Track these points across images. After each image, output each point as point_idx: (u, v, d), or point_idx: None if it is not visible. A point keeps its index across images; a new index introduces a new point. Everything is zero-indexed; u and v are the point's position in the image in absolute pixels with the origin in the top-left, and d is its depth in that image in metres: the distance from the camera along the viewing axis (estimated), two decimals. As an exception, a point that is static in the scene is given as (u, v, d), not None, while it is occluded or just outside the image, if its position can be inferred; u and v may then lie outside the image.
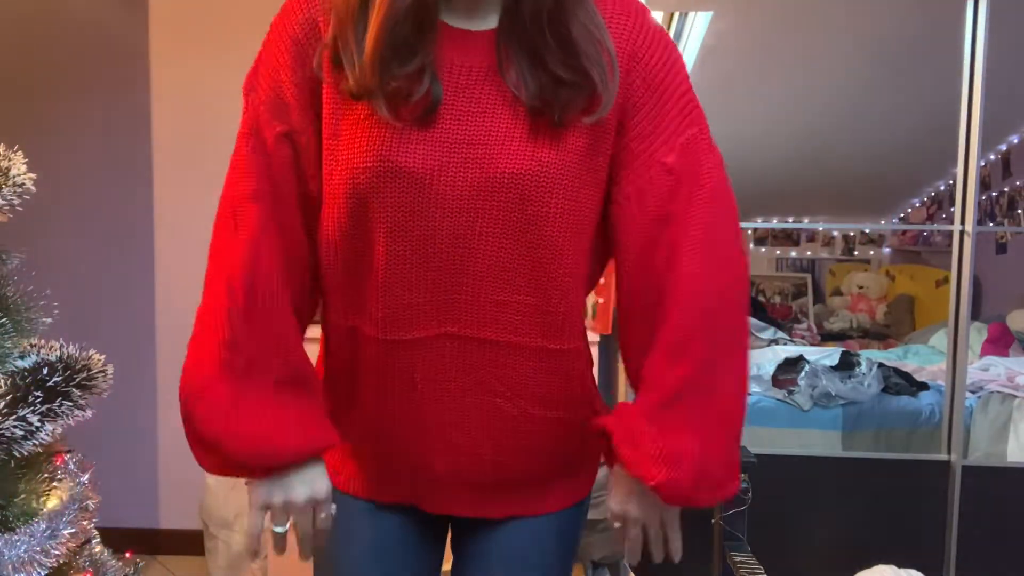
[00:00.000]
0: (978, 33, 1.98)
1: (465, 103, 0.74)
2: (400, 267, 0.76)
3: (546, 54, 0.72)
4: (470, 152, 0.74)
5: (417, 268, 0.76)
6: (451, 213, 0.74)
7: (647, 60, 0.78)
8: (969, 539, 2.03)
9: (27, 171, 0.96)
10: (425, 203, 0.74)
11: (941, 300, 2.29)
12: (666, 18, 2.16)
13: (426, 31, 0.72)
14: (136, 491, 2.67)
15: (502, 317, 0.78)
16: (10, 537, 0.83)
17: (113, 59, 2.61)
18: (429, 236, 0.75)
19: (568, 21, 0.72)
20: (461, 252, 0.75)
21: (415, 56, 0.72)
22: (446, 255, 0.75)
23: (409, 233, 0.75)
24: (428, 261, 0.75)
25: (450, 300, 0.77)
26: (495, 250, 0.76)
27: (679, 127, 0.80)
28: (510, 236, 0.75)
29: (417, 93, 0.72)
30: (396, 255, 0.76)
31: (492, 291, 0.77)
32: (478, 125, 0.74)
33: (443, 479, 0.85)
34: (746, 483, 1.49)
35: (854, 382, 2.18)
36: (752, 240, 3.52)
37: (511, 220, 0.75)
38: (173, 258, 2.64)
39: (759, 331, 2.88)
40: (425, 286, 0.76)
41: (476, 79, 0.74)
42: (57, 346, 0.96)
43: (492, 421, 0.82)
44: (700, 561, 1.77)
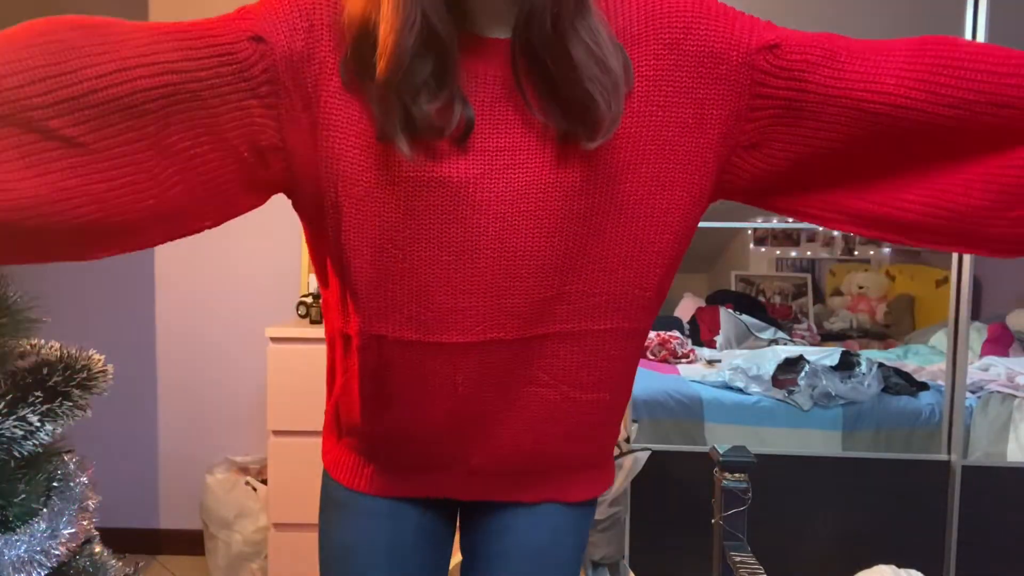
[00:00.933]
0: (978, 33, 1.98)
1: (501, 111, 0.72)
2: (444, 272, 0.74)
3: (553, 75, 0.69)
4: (511, 158, 0.72)
5: (461, 273, 0.74)
6: (495, 219, 0.72)
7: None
8: (969, 539, 2.03)
9: (27, 171, 0.96)
10: (468, 210, 0.72)
11: (941, 300, 2.30)
12: (666, 18, 2.17)
13: (447, 60, 0.68)
14: (136, 491, 2.67)
15: (548, 311, 0.77)
16: (10, 537, 0.83)
17: (113, 59, 2.61)
18: (472, 242, 0.73)
19: (568, 44, 0.67)
20: (507, 256, 0.73)
21: (443, 89, 0.68)
22: (492, 260, 0.73)
23: (451, 240, 0.73)
24: (474, 265, 0.74)
25: (497, 305, 0.75)
26: (542, 249, 0.74)
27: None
28: (557, 234, 0.74)
29: (450, 126, 0.69)
30: (439, 262, 0.74)
31: (540, 289, 0.75)
32: (514, 131, 0.72)
33: (478, 471, 0.85)
34: (746, 483, 1.49)
35: (854, 382, 2.19)
36: (752, 240, 3.52)
37: (556, 219, 0.73)
38: (173, 258, 2.64)
39: (759, 331, 2.88)
40: (470, 290, 0.74)
41: (503, 89, 0.72)
42: (57, 346, 0.96)
43: (534, 411, 0.81)
44: (700, 561, 1.77)
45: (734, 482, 1.49)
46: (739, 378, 2.27)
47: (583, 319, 0.78)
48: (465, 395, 0.79)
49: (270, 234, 2.54)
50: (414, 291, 0.76)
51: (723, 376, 2.32)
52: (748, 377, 2.25)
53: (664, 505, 2.08)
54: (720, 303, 3.14)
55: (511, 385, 0.80)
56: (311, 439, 2.09)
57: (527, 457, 0.84)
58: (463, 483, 0.88)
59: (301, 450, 2.11)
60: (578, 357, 0.80)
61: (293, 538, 2.13)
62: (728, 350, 2.75)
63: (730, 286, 3.45)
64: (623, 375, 0.85)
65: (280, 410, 2.10)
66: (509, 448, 0.83)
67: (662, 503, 2.08)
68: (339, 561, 0.95)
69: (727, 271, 3.52)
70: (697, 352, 2.75)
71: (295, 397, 2.05)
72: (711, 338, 2.91)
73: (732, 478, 1.49)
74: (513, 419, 0.81)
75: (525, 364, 0.79)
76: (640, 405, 2.13)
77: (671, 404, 2.18)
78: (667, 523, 2.07)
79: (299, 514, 2.13)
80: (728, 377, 2.29)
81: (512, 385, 0.80)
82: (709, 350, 2.80)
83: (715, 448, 1.55)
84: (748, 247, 3.53)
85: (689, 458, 2.08)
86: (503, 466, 0.85)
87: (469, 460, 0.84)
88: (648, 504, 2.08)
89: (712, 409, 2.19)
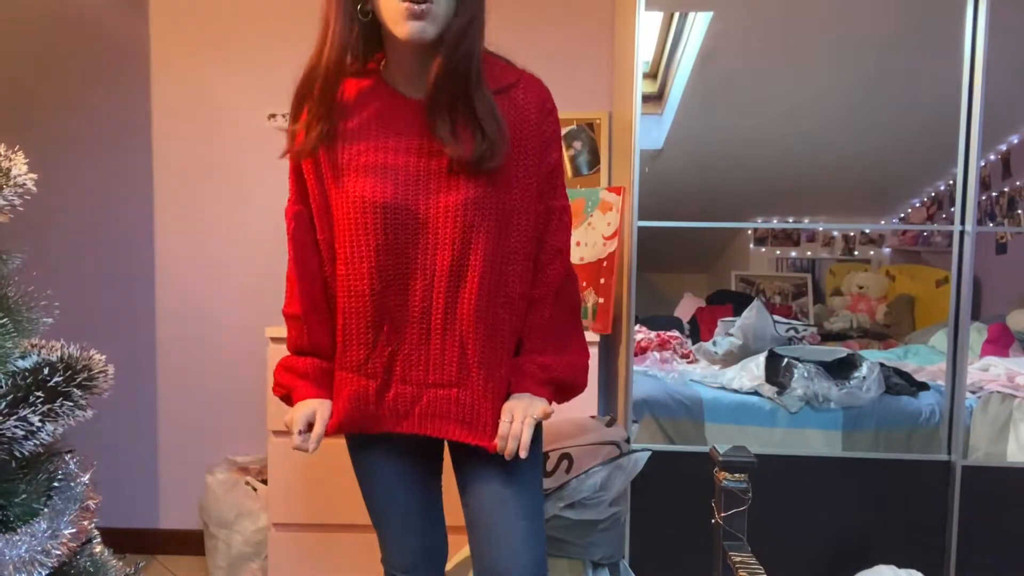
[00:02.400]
0: (978, 33, 1.98)
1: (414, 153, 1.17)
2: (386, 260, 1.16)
3: (459, 119, 1.13)
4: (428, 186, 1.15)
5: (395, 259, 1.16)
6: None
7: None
8: (969, 539, 2.03)
9: (28, 171, 0.96)
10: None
11: (941, 300, 2.29)
12: (666, 18, 2.16)
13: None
14: (136, 491, 2.67)
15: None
16: (11, 537, 0.83)
17: (113, 59, 2.61)
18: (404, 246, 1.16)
19: (472, 102, 1.11)
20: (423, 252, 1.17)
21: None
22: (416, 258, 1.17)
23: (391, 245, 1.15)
24: (401, 260, 1.16)
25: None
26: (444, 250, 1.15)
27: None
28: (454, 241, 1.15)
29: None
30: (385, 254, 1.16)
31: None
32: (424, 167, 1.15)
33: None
34: (746, 483, 1.49)
35: (852, 386, 2.18)
36: (752, 240, 3.51)
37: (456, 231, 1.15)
38: (173, 258, 2.64)
39: (783, 330, 2.86)
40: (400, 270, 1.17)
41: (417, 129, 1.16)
42: (58, 346, 0.96)
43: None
44: (700, 561, 1.77)
45: (734, 482, 1.49)
46: (744, 377, 2.26)
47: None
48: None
49: (270, 235, 2.54)
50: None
51: (731, 376, 2.30)
52: (753, 376, 2.25)
53: (664, 505, 2.08)
54: (720, 303, 3.14)
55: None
56: (311, 439, 2.09)
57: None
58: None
59: (301, 450, 2.11)
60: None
61: (293, 538, 2.13)
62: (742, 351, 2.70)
63: (730, 286, 3.45)
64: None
65: (280, 410, 2.10)
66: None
67: (662, 503, 2.08)
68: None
69: (727, 271, 3.52)
70: (703, 348, 2.73)
71: (295, 397, 2.04)
72: (711, 339, 2.90)
73: (732, 478, 1.49)
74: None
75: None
76: (640, 405, 2.13)
77: (671, 404, 2.18)
78: (667, 523, 2.07)
79: (299, 514, 2.12)
80: (737, 380, 2.27)
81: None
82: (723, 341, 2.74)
83: (715, 448, 1.55)
84: (748, 247, 3.53)
85: (689, 458, 2.08)
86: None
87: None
88: (648, 504, 2.08)
89: (712, 409, 2.19)
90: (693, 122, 2.22)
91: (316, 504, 2.11)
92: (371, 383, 1.19)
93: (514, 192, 1.17)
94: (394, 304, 1.17)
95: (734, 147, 2.27)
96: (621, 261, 2.19)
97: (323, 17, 1.14)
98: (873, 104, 2.22)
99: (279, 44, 2.54)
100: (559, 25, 2.53)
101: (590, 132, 2.53)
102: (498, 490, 1.21)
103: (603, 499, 1.74)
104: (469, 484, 1.25)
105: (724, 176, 2.30)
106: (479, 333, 1.16)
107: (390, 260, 1.15)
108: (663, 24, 2.17)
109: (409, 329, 1.17)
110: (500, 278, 1.17)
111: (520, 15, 2.53)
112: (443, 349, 1.16)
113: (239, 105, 2.57)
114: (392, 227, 1.13)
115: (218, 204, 2.60)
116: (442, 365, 1.17)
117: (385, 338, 1.18)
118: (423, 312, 1.16)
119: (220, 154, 2.60)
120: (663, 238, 2.15)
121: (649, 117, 2.12)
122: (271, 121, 2.55)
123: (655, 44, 2.17)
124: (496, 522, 1.20)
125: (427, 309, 1.16)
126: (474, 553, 1.24)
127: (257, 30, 2.57)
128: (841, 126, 2.29)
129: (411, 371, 1.18)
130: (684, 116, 2.20)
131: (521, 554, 1.18)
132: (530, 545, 1.19)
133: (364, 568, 2.10)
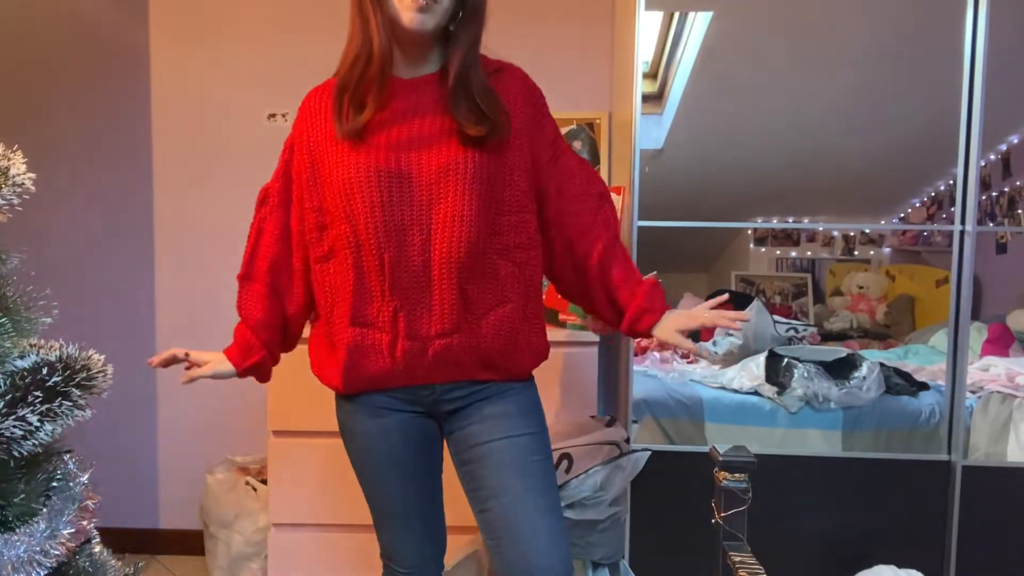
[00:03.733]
0: (978, 33, 1.98)
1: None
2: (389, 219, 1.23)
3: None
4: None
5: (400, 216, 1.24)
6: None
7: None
8: (969, 539, 2.02)
9: (27, 171, 0.96)
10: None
11: (941, 300, 2.29)
12: (666, 18, 2.16)
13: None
14: (136, 491, 2.67)
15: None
16: (9, 537, 0.82)
17: (113, 59, 2.61)
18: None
19: (471, 90, 1.22)
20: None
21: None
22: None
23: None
24: (398, 217, 1.22)
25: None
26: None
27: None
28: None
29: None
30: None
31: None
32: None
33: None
34: (746, 483, 1.49)
35: (852, 386, 2.18)
36: (752, 240, 3.51)
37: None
38: (173, 258, 2.64)
39: (784, 330, 2.85)
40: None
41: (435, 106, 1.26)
42: (57, 346, 0.96)
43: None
44: (700, 561, 1.76)
45: (734, 482, 1.49)
46: (744, 377, 2.26)
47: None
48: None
49: (270, 234, 2.54)
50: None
51: (731, 376, 2.30)
52: (753, 376, 2.24)
53: (664, 505, 2.08)
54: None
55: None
56: (311, 439, 2.10)
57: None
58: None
59: (301, 450, 2.11)
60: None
61: (293, 538, 2.13)
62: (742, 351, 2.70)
63: (730, 286, 3.45)
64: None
65: (280, 410, 2.10)
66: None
67: (662, 503, 2.08)
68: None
69: (727, 271, 3.52)
70: (703, 348, 2.73)
71: (295, 397, 2.05)
72: (711, 339, 2.90)
73: (732, 478, 1.49)
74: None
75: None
76: (640, 405, 2.13)
77: (671, 404, 2.17)
78: (667, 523, 2.07)
79: (299, 514, 2.12)
80: (737, 380, 2.27)
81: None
82: (723, 341, 2.74)
83: (715, 448, 1.54)
84: (748, 247, 3.52)
85: (689, 458, 2.08)
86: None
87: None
88: (648, 504, 2.08)
89: (712, 409, 2.19)
90: (693, 122, 2.21)
91: (316, 504, 2.11)
92: (383, 336, 1.25)
93: (506, 152, 1.26)
94: (394, 259, 1.22)
95: (734, 147, 2.26)
96: (621, 261, 2.18)
97: (358, 9, 1.22)
98: (873, 104, 2.22)
99: (279, 44, 2.54)
100: (559, 25, 2.53)
101: (590, 132, 2.53)
102: (515, 484, 1.24)
103: (603, 499, 1.73)
104: (481, 478, 1.27)
105: (724, 176, 2.30)
106: (476, 280, 1.24)
107: (389, 217, 1.21)
108: (663, 24, 2.17)
109: (410, 284, 1.23)
110: (494, 228, 1.25)
111: (520, 15, 2.52)
112: (444, 299, 1.22)
113: (239, 105, 2.57)
114: (387, 186, 1.21)
115: (218, 204, 2.60)
116: (443, 314, 1.22)
117: (389, 290, 1.23)
118: (423, 265, 1.21)
119: (220, 154, 2.60)
120: (663, 238, 2.15)
121: (649, 117, 2.12)
122: (271, 121, 2.55)
123: (655, 44, 2.17)
124: (521, 520, 1.22)
125: (426, 263, 1.21)
126: (496, 551, 1.26)
127: (257, 30, 2.56)
128: (841, 126, 2.29)
129: (416, 325, 1.23)
130: (684, 116, 2.20)
131: (551, 552, 1.22)
132: (557, 541, 1.24)
133: (364, 568, 2.10)
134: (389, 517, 1.35)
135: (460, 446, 1.31)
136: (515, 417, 1.27)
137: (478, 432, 1.28)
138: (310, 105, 1.32)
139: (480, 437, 1.28)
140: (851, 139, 2.29)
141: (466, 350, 1.25)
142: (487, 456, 1.26)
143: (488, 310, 1.25)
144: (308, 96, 1.34)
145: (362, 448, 1.33)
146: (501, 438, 1.26)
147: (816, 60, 2.21)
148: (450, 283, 1.21)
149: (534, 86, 1.33)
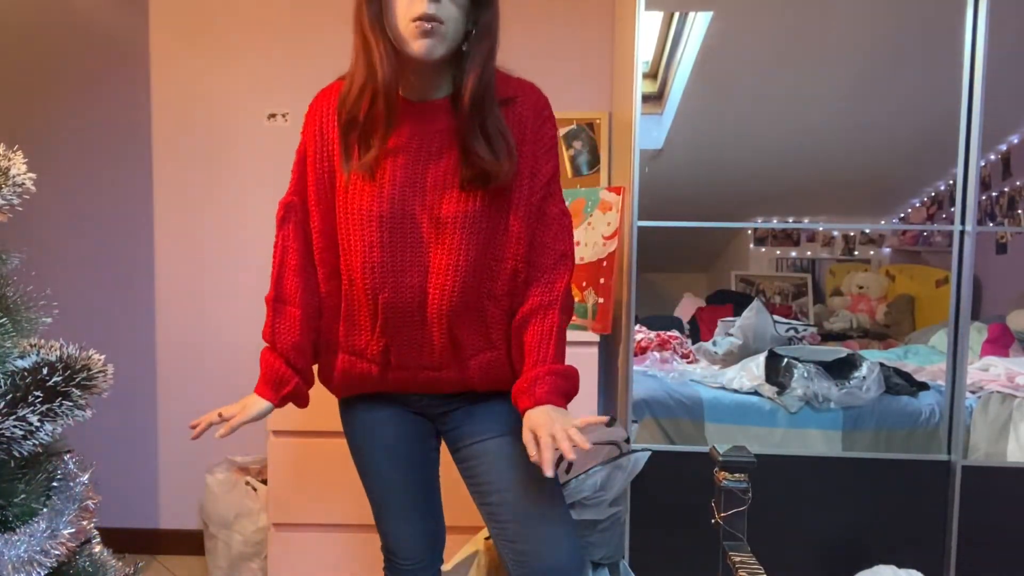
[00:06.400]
0: (978, 33, 1.98)
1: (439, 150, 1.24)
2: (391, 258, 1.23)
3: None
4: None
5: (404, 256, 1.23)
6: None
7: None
8: (969, 539, 2.02)
9: (27, 171, 0.96)
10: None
11: (941, 300, 2.29)
12: (666, 18, 2.16)
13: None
14: (136, 491, 2.67)
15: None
16: (10, 537, 0.82)
17: (113, 59, 2.61)
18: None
19: (486, 122, 1.18)
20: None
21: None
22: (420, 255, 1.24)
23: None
24: (398, 257, 1.22)
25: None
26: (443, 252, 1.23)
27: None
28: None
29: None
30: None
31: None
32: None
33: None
34: (746, 483, 1.49)
35: (851, 386, 2.18)
36: (752, 240, 3.51)
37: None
38: (173, 258, 2.64)
39: (783, 330, 2.85)
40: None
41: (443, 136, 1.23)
42: (57, 346, 0.95)
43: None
44: (700, 561, 1.77)
45: (734, 482, 1.49)
46: (744, 377, 2.26)
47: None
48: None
49: (270, 234, 2.54)
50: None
51: (731, 376, 2.30)
52: (752, 376, 2.25)
53: (664, 505, 2.08)
54: (720, 303, 3.14)
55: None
56: (311, 439, 2.10)
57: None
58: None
59: (301, 450, 2.11)
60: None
61: (293, 538, 2.13)
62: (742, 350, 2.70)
63: (730, 286, 3.45)
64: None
65: (280, 410, 2.10)
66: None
67: (662, 503, 2.08)
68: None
69: (727, 271, 3.52)
70: (703, 348, 2.73)
71: (295, 397, 2.04)
72: (711, 339, 2.90)
73: (732, 478, 1.49)
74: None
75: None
76: (640, 405, 2.13)
77: (671, 404, 2.17)
78: (667, 523, 2.07)
79: (299, 514, 2.12)
80: (737, 380, 2.27)
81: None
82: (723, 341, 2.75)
83: (715, 448, 1.54)
84: (748, 247, 3.52)
85: (689, 458, 2.08)
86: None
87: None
88: (648, 504, 2.08)
89: (712, 409, 2.19)
90: (693, 122, 2.22)
91: (316, 504, 2.11)
92: (373, 367, 1.29)
93: (507, 196, 1.24)
94: (389, 300, 1.23)
95: (734, 147, 2.26)
96: (621, 261, 2.19)
97: (361, 38, 1.16)
98: (873, 104, 2.22)
99: (279, 44, 2.54)
100: (559, 25, 2.53)
101: (590, 132, 2.53)
102: (516, 476, 1.25)
103: (603, 499, 1.73)
104: (481, 474, 1.28)
105: (724, 176, 2.30)
106: (466, 324, 1.24)
107: (388, 257, 1.21)
108: (663, 24, 2.17)
109: (403, 323, 1.24)
110: (489, 274, 1.25)
111: (520, 15, 2.53)
112: (435, 340, 1.25)
113: (239, 105, 2.57)
114: (388, 228, 1.21)
115: (218, 204, 2.60)
116: (432, 353, 1.26)
117: (381, 328, 1.25)
118: (418, 307, 1.23)
119: (220, 154, 2.60)
120: (663, 238, 2.15)
121: (649, 117, 2.12)
122: (271, 121, 2.55)
123: (655, 44, 2.17)
124: (531, 515, 1.23)
125: (421, 305, 1.23)
126: (503, 540, 1.27)
127: (257, 30, 2.56)
128: (841, 126, 2.29)
129: (405, 359, 1.27)
130: (684, 116, 2.20)
131: (562, 544, 1.23)
132: (568, 533, 1.25)
133: (364, 568, 2.10)
134: (386, 508, 1.38)
135: (456, 444, 1.34)
136: (508, 413, 1.27)
137: (471, 432, 1.31)
138: (320, 107, 1.27)
139: (474, 436, 1.30)
140: (851, 139, 2.29)
141: (454, 383, 1.30)
142: (483, 454, 1.28)
143: (475, 353, 1.27)
144: (316, 99, 1.29)
145: (358, 436, 1.37)
146: (496, 436, 1.28)
147: (816, 60, 2.21)
148: (441, 326, 1.23)
149: (548, 115, 1.28)
